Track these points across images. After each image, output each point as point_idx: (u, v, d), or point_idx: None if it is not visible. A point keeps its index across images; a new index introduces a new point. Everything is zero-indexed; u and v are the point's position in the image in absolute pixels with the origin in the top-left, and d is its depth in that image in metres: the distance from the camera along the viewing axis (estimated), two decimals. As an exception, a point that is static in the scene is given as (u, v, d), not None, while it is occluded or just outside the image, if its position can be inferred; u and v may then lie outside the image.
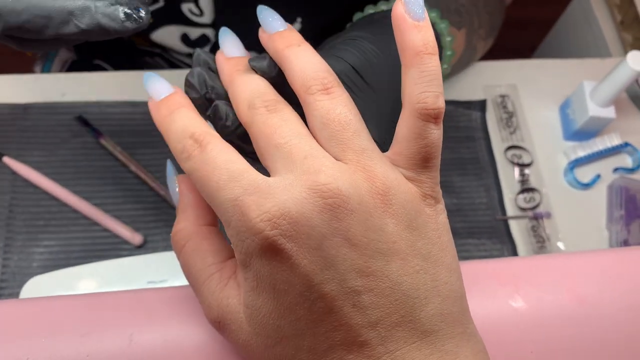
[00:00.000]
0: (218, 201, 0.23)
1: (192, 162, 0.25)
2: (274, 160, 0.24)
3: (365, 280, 0.22)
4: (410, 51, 0.24)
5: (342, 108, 0.24)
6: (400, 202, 0.23)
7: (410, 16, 0.24)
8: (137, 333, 0.30)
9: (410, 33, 0.24)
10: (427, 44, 0.24)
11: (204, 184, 0.24)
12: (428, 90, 0.24)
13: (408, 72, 0.24)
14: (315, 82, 0.25)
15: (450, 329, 0.23)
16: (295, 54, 0.26)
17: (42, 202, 0.53)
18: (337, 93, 0.25)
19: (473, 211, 0.57)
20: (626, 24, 0.79)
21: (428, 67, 0.24)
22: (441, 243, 0.24)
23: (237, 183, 0.23)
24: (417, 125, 0.24)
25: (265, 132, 0.24)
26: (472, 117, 0.62)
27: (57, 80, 0.59)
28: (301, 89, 0.25)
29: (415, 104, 0.24)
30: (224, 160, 0.24)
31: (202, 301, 0.25)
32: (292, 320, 0.22)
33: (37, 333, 0.29)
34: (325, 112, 0.24)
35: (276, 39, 0.27)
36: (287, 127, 0.24)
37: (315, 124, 0.24)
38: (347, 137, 0.24)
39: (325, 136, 0.24)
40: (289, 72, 0.26)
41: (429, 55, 0.24)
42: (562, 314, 0.32)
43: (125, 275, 0.47)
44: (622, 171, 0.60)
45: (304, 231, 0.22)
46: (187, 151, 0.25)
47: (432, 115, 0.24)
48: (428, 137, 0.24)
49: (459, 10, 0.51)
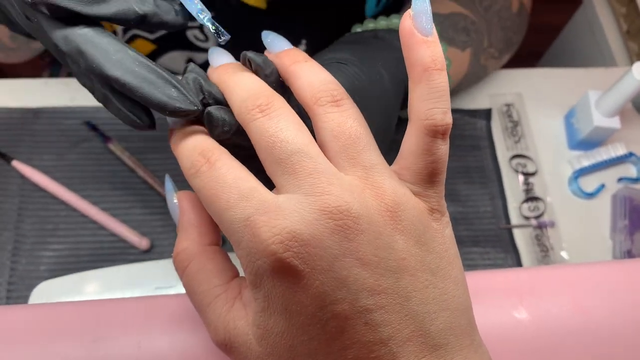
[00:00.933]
0: (227, 220, 0.23)
1: (200, 179, 0.24)
2: (278, 175, 0.24)
3: (376, 298, 0.22)
4: (419, 67, 0.24)
5: (353, 122, 0.24)
6: (409, 218, 0.23)
7: (418, 31, 0.24)
8: (145, 340, 0.30)
9: (419, 49, 0.24)
10: (435, 60, 0.24)
11: (213, 202, 0.24)
12: (436, 107, 0.24)
13: (416, 87, 0.24)
14: (324, 93, 0.25)
15: (458, 342, 0.23)
16: (302, 69, 0.26)
17: (51, 206, 0.54)
18: (347, 106, 0.25)
19: (478, 219, 0.57)
20: (632, 34, 0.79)
21: (436, 84, 0.24)
22: (448, 256, 0.24)
23: (248, 202, 0.23)
24: (425, 141, 0.24)
25: (262, 145, 0.24)
26: (478, 125, 0.62)
27: (67, 85, 0.59)
28: (310, 100, 0.25)
29: (424, 120, 0.24)
30: (233, 178, 0.23)
31: (208, 324, 0.25)
32: (305, 340, 0.23)
33: (46, 338, 0.30)
34: (336, 125, 0.24)
35: (282, 56, 0.28)
36: (285, 137, 0.23)
37: (325, 137, 0.24)
38: (358, 151, 0.24)
39: (335, 149, 0.24)
40: (297, 86, 0.26)
41: (438, 72, 0.24)
42: (566, 325, 0.32)
43: (133, 281, 0.48)
44: (626, 181, 0.61)
45: (315, 253, 0.22)
46: (195, 167, 0.24)
47: (440, 131, 0.24)
48: (436, 152, 0.24)
49: (467, 29, 0.51)
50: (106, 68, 0.25)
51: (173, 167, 0.56)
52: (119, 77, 0.25)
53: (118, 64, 0.25)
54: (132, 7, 0.26)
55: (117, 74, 0.25)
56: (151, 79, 0.25)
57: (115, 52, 0.25)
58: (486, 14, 0.53)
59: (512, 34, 0.58)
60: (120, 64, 0.25)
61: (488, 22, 0.53)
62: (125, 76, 0.25)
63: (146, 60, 0.26)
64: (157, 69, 0.25)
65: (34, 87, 0.59)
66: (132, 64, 0.25)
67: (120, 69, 0.25)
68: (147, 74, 0.25)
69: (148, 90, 0.25)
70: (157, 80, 0.25)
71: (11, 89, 0.59)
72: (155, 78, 0.25)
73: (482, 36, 0.53)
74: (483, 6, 0.53)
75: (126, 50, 0.25)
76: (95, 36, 0.26)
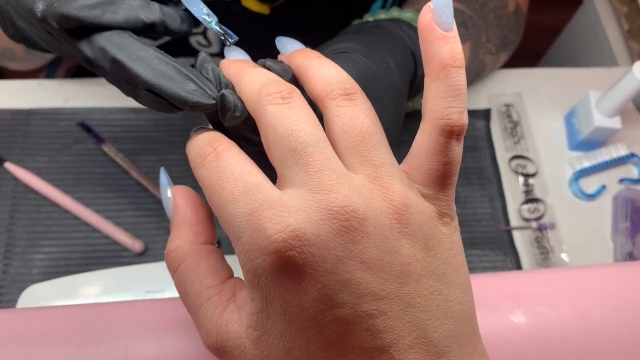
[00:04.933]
0: (229, 214, 0.22)
1: (205, 168, 0.23)
2: (287, 166, 0.23)
3: (379, 303, 0.21)
4: (437, 64, 0.23)
5: (365, 117, 0.24)
6: (417, 222, 0.23)
7: (438, 26, 0.22)
8: (132, 345, 0.29)
9: (437, 44, 0.22)
10: (454, 56, 0.22)
11: (216, 194, 0.23)
12: (453, 106, 0.23)
13: (433, 84, 0.23)
14: (337, 86, 0.24)
15: (462, 350, 0.23)
16: (315, 64, 0.26)
17: (43, 209, 0.53)
18: (360, 100, 0.24)
19: (477, 221, 0.57)
20: (633, 33, 0.78)
21: (455, 82, 0.23)
22: (455, 263, 0.24)
23: (253, 196, 0.22)
24: (439, 141, 0.23)
25: (279, 131, 0.23)
26: (477, 126, 0.62)
27: (60, 86, 0.59)
28: (322, 92, 0.24)
29: (439, 120, 0.23)
30: (240, 171, 0.23)
31: (200, 326, 0.24)
32: (303, 343, 0.22)
33: (31, 343, 0.29)
34: (347, 119, 0.23)
35: (296, 55, 0.27)
36: (304, 128, 0.23)
37: (336, 131, 0.23)
38: (368, 148, 0.23)
39: (345, 145, 0.23)
40: (310, 80, 0.25)
41: (456, 69, 0.22)
42: (563, 329, 0.31)
43: (123, 284, 0.47)
44: (627, 182, 0.60)
45: (319, 253, 0.21)
46: (201, 156, 0.24)
47: (455, 132, 0.23)
48: (449, 154, 0.23)
49: (464, 23, 0.51)
50: (129, 66, 0.26)
51: (168, 169, 0.56)
52: (140, 74, 0.25)
53: (139, 62, 0.26)
54: (140, 16, 0.27)
55: (139, 70, 0.25)
56: (170, 75, 0.25)
57: (137, 50, 0.26)
58: (482, 10, 0.53)
59: (508, 32, 0.57)
60: (141, 61, 0.26)
61: (484, 18, 0.53)
62: (146, 73, 0.25)
63: (165, 56, 0.26)
64: (175, 65, 0.26)
65: (28, 88, 0.59)
66: (152, 61, 0.26)
67: (141, 66, 0.25)
68: (166, 70, 0.25)
69: (167, 85, 0.25)
70: (176, 76, 0.25)
71: (4, 90, 0.58)
72: (174, 73, 0.25)
73: (480, 31, 0.52)
74: (479, 3, 0.53)
75: (146, 48, 0.26)
76: (117, 37, 0.26)
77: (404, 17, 0.42)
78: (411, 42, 0.39)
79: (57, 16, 0.26)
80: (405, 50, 0.38)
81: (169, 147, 0.57)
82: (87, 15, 0.26)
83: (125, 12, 0.27)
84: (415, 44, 0.40)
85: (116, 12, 0.27)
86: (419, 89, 0.42)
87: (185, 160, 0.56)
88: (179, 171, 0.56)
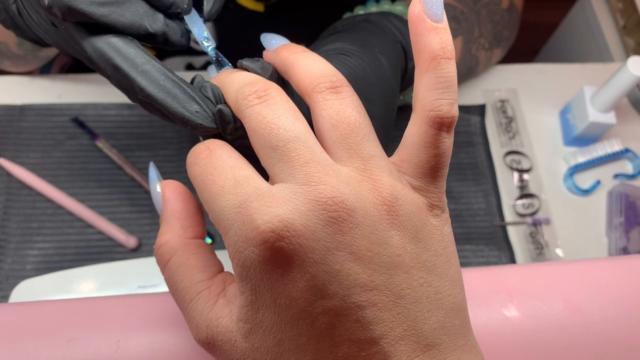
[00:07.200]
0: (219, 207, 0.22)
1: (198, 165, 0.24)
2: (272, 164, 0.23)
3: (369, 294, 0.21)
4: (427, 55, 0.23)
5: (352, 110, 0.23)
6: (407, 214, 0.23)
7: (428, 17, 0.22)
8: (124, 340, 0.29)
9: (427, 35, 0.22)
10: (445, 47, 0.22)
11: (207, 187, 0.23)
12: (443, 98, 0.23)
13: (423, 76, 0.23)
14: (323, 79, 0.24)
15: (452, 342, 0.23)
16: (301, 58, 0.26)
17: (37, 204, 0.53)
18: (347, 94, 0.24)
19: (471, 217, 0.57)
20: (629, 29, 0.78)
21: (445, 73, 0.22)
22: (446, 255, 0.24)
23: (242, 189, 0.22)
24: (429, 133, 0.23)
25: (259, 132, 0.23)
26: (471, 121, 0.62)
27: (54, 81, 0.59)
28: (309, 86, 0.24)
29: (429, 111, 0.23)
30: (231, 165, 0.23)
31: (190, 321, 0.24)
32: (294, 335, 0.22)
33: (22, 338, 0.29)
34: (335, 113, 0.23)
35: (281, 50, 0.27)
36: (282, 124, 0.23)
37: (323, 125, 0.23)
38: (356, 141, 0.23)
39: (333, 138, 0.23)
40: (296, 74, 0.25)
41: (447, 60, 0.22)
42: (556, 323, 0.31)
43: (116, 279, 0.47)
44: (622, 177, 0.60)
45: (307, 244, 0.21)
46: (195, 154, 0.24)
47: (445, 123, 0.23)
48: (439, 146, 0.23)
49: (456, 18, 0.51)
50: (132, 77, 0.26)
51: (161, 165, 0.55)
52: (144, 87, 0.25)
53: (144, 75, 0.26)
54: (144, 23, 0.27)
55: (143, 84, 0.25)
56: (175, 93, 0.26)
57: (142, 63, 0.26)
58: (475, 6, 0.53)
59: (502, 28, 0.57)
60: (146, 75, 0.26)
61: (477, 13, 0.53)
62: (151, 88, 0.26)
63: (171, 73, 0.26)
64: (180, 84, 0.26)
65: (21, 83, 0.58)
66: (158, 76, 0.26)
67: (146, 80, 0.26)
68: (172, 88, 0.26)
69: (171, 104, 0.25)
70: (180, 95, 0.26)
71: (-2, 85, 0.58)
72: (179, 92, 0.26)
73: (473, 26, 0.52)
74: None
75: (153, 62, 0.26)
76: (123, 46, 0.26)
77: (395, 10, 0.42)
78: (401, 35, 0.39)
79: (64, 7, 0.25)
80: (396, 45, 0.38)
81: (163, 143, 0.57)
82: (93, 12, 0.26)
83: (131, 16, 0.27)
84: (405, 38, 0.39)
85: (123, 15, 0.26)
86: (409, 82, 0.42)
87: (179, 156, 0.56)
88: (172, 167, 0.55)
